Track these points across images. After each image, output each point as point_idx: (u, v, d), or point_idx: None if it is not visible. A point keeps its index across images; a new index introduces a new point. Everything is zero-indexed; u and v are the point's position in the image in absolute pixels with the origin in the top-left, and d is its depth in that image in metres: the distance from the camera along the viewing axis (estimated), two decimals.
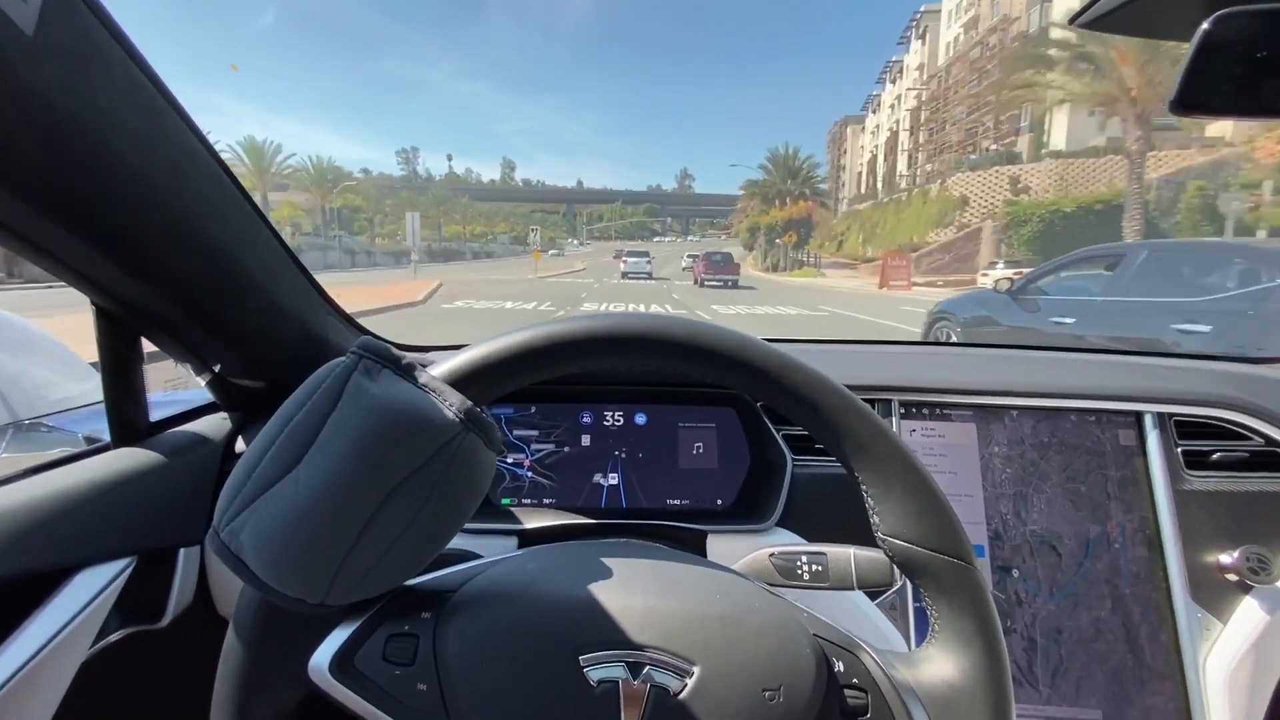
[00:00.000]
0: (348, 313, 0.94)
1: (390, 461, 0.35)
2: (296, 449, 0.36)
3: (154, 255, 0.56)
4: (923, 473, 0.41)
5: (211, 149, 0.58)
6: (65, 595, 0.57)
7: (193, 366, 0.74)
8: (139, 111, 0.48)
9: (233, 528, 0.35)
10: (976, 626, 0.39)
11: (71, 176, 0.45)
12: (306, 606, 0.36)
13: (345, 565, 0.35)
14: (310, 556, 0.35)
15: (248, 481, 0.36)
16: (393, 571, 0.38)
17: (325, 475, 0.35)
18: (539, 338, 0.41)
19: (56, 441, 0.79)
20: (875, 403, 0.84)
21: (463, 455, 0.37)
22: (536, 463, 0.85)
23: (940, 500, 0.40)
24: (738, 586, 0.43)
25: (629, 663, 0.37)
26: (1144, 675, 0.74)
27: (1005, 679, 0.39)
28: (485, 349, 0.41)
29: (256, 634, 0.39)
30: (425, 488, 0.36)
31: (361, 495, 0.35)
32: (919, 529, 0.40)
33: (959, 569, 0.40)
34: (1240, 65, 0.44)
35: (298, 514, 0.34)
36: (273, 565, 0.35)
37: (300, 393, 0.37)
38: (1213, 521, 0.77)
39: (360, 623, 0.39)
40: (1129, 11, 0.53)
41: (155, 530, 0.67)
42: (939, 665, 0.40)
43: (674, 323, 0.42)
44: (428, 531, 0.38)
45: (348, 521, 0.35)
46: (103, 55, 0.44)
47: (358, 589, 0.37)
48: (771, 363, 0.41)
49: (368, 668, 0.37)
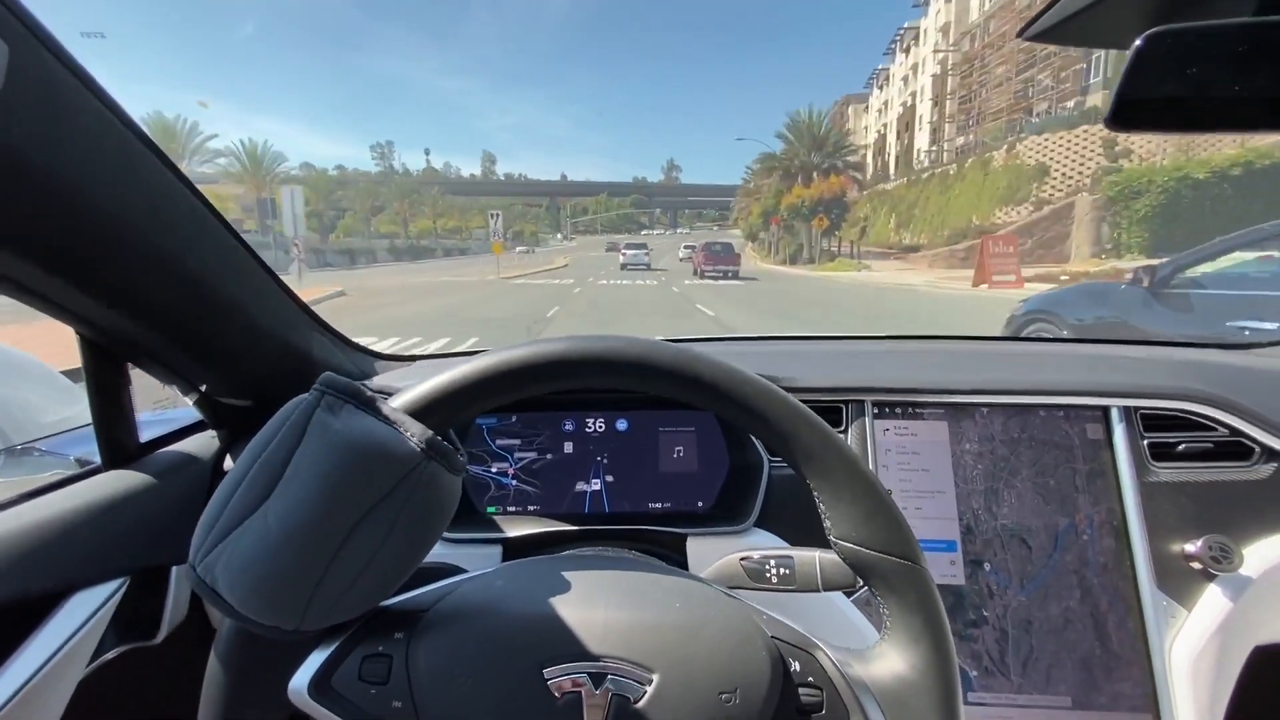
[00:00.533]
0: (336, 329, 0.95)
1: (355, 493, 0.37)
2: (266, 484, 0.38)
3: (133, 288, 0.57)
4: (870, 478, 0.43)
5: (187, 180, 0.60)
6: (61, 617, 0.59)
7: (179, 388, 0.76)
8: (110, 154, 0.50)
9: (207, 562, 0.37)
10: (923, 623, 0.41)
11: (46, 222, 0.47)
12: (283, 633, 0.38)
13: (318, 593, 0.37)
14: (283, 587, 0.37)
15: (220, 516, 0.38)
16: (364, 596, 0.40)
17: (293, 509, 0.37)
18: (495, 365, 0.42)
19: (49, 465, 0.81)
20: (849, 404, 0.86)
21: (425, 483, 0.39)
22: (520, 471, 0.87)
23: (887, 504, 0.42)
24: (698, 594, 0.45)
25: (591, 673, 0.39)
26: (1111, 663, 0.77)
27: (952, 672, 0.41)
28: (445, 379, 0.42)
29: (237, 660, 0.41)
30: (390, 516, 0.38)
31: (329, 526, 0.37)
32: (868, 532, 0.42)
33: (906, 569, 0.42)
34: (1172, 82, 0.45)
35: (269, 547, 0.36)
36: (248, 596, 0.37)
37: (267, 429, 0.39)
38: (1178, 511, 0.79)
39: (337, 645, 0.40)
40: (1074, 25, 0.55)
41: (148, 550, 0.69)
42: (890, 661, 0.42)
43: (626, 343, 0.43)
44: (396, 557, 0.40)
45: (317, 552, 0.37)
46: (71, 103, 0.46)
47: (331, 614, 0.39)
48: (720, 377, 0.43)
49: (345, 688, 0.39)
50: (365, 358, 1.03)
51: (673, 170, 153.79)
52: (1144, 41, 0.45)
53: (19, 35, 0.41)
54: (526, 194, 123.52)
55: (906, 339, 1.12)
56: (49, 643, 0.57)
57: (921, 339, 1.14)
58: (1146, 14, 0.52)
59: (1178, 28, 0.45)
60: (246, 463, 0.39)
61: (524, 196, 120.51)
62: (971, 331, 2.11)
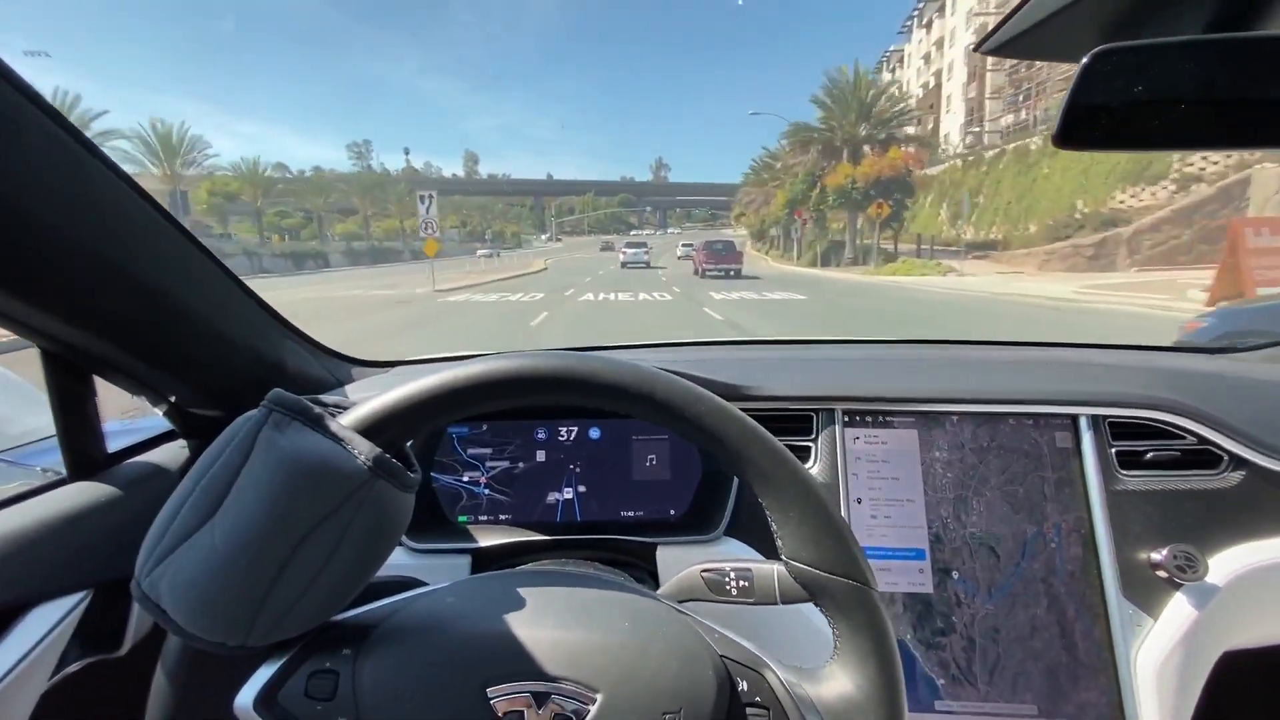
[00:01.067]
0: (310, 337, 0.95)
1: (300, 510, 0.37)
2: (212, 501, 0.38)
3: (88, 300, 0.57)
4: (821, 498, 0.43)
5: (142, 191, 0.60)
6: (20, 631, 0.59)
7: (148, 398, 0.75)
8: (59, 168, 0.50)
9: (152, 578, 0.38)
10: (872, 645, 0.42)
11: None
12: (228, 649, 0.38)
13: (263, 609, 0.38)
14: (228, 603, 0.37)
15: (166, 532, 0.38)
16: (311, 612, 0.40)
17: (238, 525, 0.37)
18: (447, 382, 0.42)
19: (13, 475, 0.81)
20: (819, 412, 0.86)
21: (372, 501, 0.39)
22: (492, 480, 0.87)
23: (837, 524, 0.43)
24: (648, 612, 0.45)
25: (534, 693, 0.39)
26: (1078, 671, 0.77)
27: (899, 694, 0.42)
28: (396, 395, 0.42)
29: (182, 675, 0.41)
30: (336, 533, 0.38)
31: (274, 543, 0.37)
32: (817, 552, 0.42)
33: (855, 590, 0.42)
34: (1120, 99, 0.45)
35: (214, 563, 0.37)
36: (192, 612, 0.37)
37: (215, 446, 0.40)
38: (1144, 520, 0.80)
39: (284, 660, 0.40)
40: (1026, 39, 0.55)
41: (112, 561, 0.69)
42: (839, 681, 0.42)
43: (580, 360, 0.43)
44: (343, 573, 0.40)
45: (262, 568, 0.37)
46: (16, 120, 0.46)
47: (276, 630, 0.39)
48: (675, 396, 0.43)
49: (291, 704, 0.39)
50: (340, 364, 1.03)
51: (661, 169, 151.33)
52: (1090, 59, 0.45)
53: None
54: (510, 194, 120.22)
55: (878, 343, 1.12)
56: (8, 656, 0.57)
57: (893, 343, 1.14)
58: (1100, 30, 0.52)
59: (1125, 45, 0.45)
60: (193, 479, 0.39)
61: (507, 196, 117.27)
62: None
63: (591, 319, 11.54)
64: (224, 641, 0.38)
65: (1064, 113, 0.46)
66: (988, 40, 0.57)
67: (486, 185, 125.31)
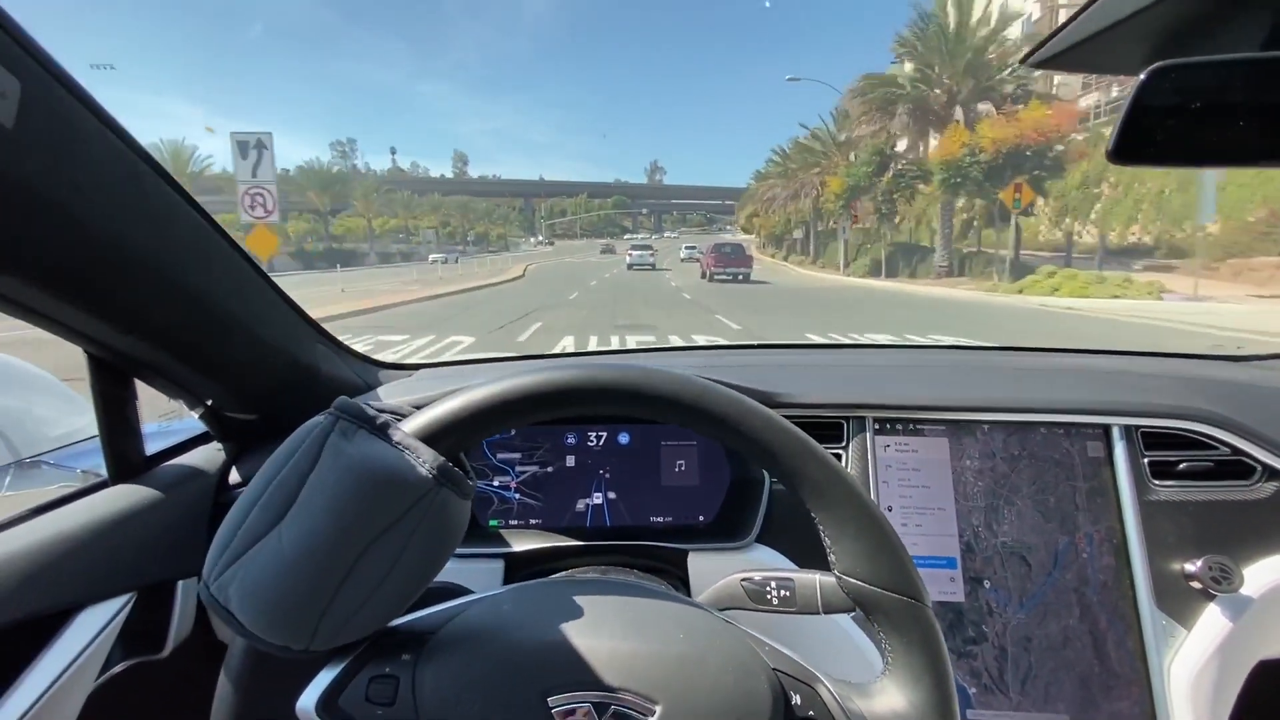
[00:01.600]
0: (340, 340, 0.96)
1: (367, 518, 0.38)
2: (279, 507, 0.39)
3: (141, 308, 0.58)
4: (876, 514, 0.43)
5: (192, 200, 0.60)
6: (70, 634, 0.60)
7: (186, 402, 0.76)
8: (118, 180, 0.50)
9: (221, 581, 0.38)
10: (926, 662, 0.42)
11: (56, 249, 0.47)
12: (292, 653, 0.39)
13: (327, 614, 0.38)
14: (293, 607, 0.38)
15: (235, 537, 0.39)
16: (372, 618, 0.40)
17: (306, 532, 0.37)
18: (509, 391, 0.43)
19: (56, 478, 0.82)
20: (850, 420, 0.86)
21: (436, 508, 0.40)
22: (522, 484, 0.87)
23: (893, 540, 0.43)
24: (701, 624, 0.45)
25: (594, 703, 0.40)
26: (1110, 681, 0.77)
27: (952, 712, 0.42)
28: (457, 404, 0.43)
29: (246, 678, 0.42)
30: (401, 540, 0.39)
31: (340, 550, 0.38)
32: (872, 568, 0.42)
33: (910, 607, 0.42)
34: (1175, 117, 0.45)
35: (281, 568, 0.37)
36: (259, 616, 0.38)
37: (282, 452, 0.40)
38: (1178, 530, 0.79)
39: (344, 665, 0.41)
40: (1077, 53, 0.55)
41: (154, 565, 0.70)
42: (891, 697, 0.42)
43: (637, 373, 0.44)
44: (405, 579, 0.40)
45: (328, 574, 0.37)
46: (81, 133, 0.46)
47: (340, 635, 0.39)
48: (731, 410, 0.43)
49: (352, 708, 0.40)
50: (369, 368, 1.04)
51: (656, 172, 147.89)
52: (1148, 76, 0.45)
53: (31, 70, 0.42)
54: (499, 194, 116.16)
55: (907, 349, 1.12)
56: (59, 659, 0.58)
57: (923, 349, 1.14)
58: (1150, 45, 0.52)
59: (1182, 62, 0.45)
60: (261, 484, 0.39)
61: (496, 197, 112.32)
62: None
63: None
64: (289, 645, 0.38)
65: (1120, 127, 0.46)
66: (1038, 51, 0.57)
67: (474, 185, 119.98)
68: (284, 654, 0.38)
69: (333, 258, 37.41)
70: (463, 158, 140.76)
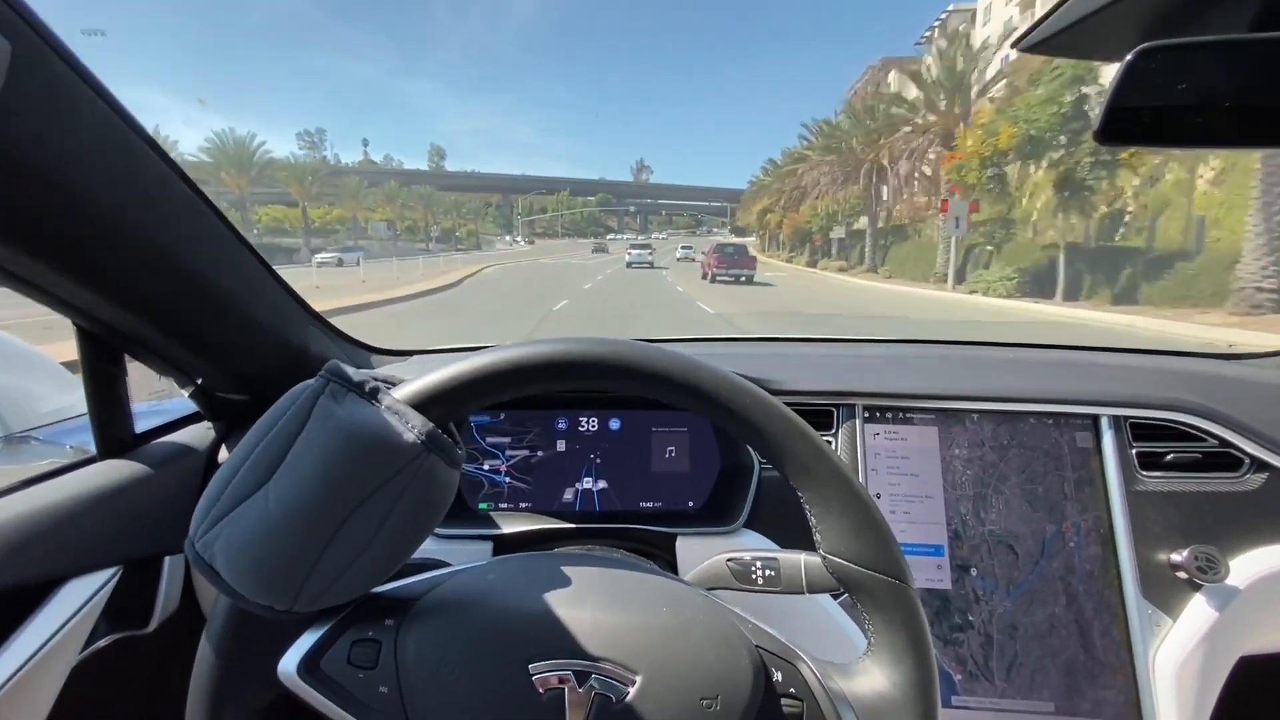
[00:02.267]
0: (331, 323, 0.96)
1: (354, 480, 0.38)
2: (267, 467, 0.39)
3: (131, 281, 0.58)
4: (861, 494, 0.43)
5: (184, 174, 0.60)
6: (54, 605, 0.60)
7: (176, 380, 0.76)
8: (110, 149, 0.50)
9: (207, 539, 0.38)
10: (908, 642, 0.42)
11: (46, 216, 0.47)
12: (275, 613, 0.39)
13: (312, 575, 0.38)
14: (278, 567, 0.38)
15: (221, 496, 0.39)
16: (357, 581, 0.40)
17: (293, 492, 0.38)
18: (499, 361, 0.43)
19: (45, 454, 0.81)
20: (840, 407, 0.86)
21: (423, 474, 0.40)
22: (513, 468, 0.88)
23: (877, 520, 0.43)
24: (685, 598, 0.46)
25: (575, 671, 0.40)
26: (1096, 670, 0.77)
27: (934, 692, 0.42)
28: (448, 373, 0.42)
29: (229, 638, 0.42)
30: (387, 505, 0.39)
31: (326, 511, 0.38)
32: (856, 547, 0.42)
33: (893, 587, 0.42)
34: (1162, 97, 0.46)
35: (267, 528, 0.37)
36: (244, 575, 0.38)
37: (271, 413, 0.40)
38: (1164, 521, 0.80)
39: (327, 628, 0.41)
40: (1067, 36, 0.55)
41: (141, 539, 0.70)
42: (872, 677, 0.42)
43: (629, 348, 0.44)
44: (390, 545, 0.40)
45: (314, 535, 0.37)
46: (72, 99, 0.46)
47: (323, 598, 0.39)
48: (721, 388, 0.43)
49: (333, 670, 0.40)
50: (361, 352, 1.04)
51: (642, 171, 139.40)
52: (1135, 56, 0.45)
53: (21, 33, 0.42)
54: (476, 189, 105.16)
55: (900, 343, 1.12)
56: (42, 630, 0.58)
57: (915, 343, 1.14)
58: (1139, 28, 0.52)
59: (1169, 43, 0.45)
60: (249, 445, 0.39)
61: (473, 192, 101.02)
62: None
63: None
64: (272, 605, 0.38)
65: (1106, 109, 0.46)
66: (1026, 37, 0.58)
67: (449, 179, 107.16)
68: (267, 614, 0.38)
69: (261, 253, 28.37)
70: (440, 152, 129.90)
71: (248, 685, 0.42)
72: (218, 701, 0.42)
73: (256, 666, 0.41)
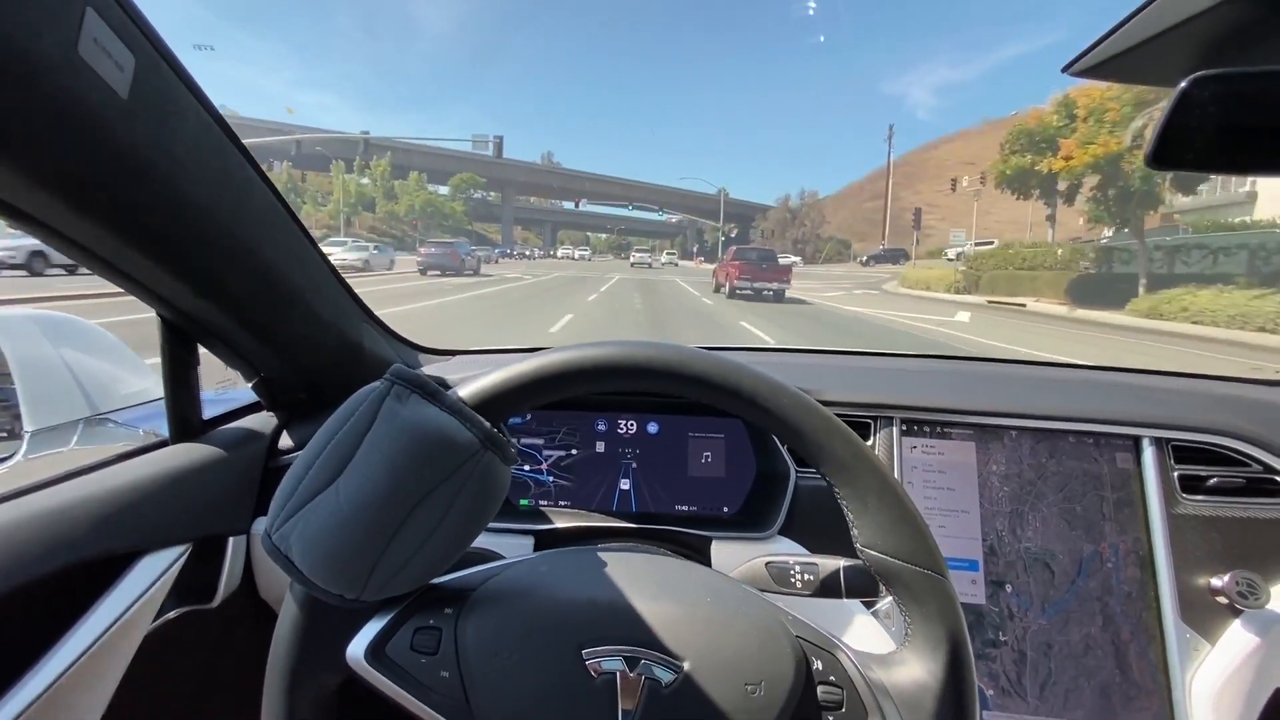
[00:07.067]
0: (383, 321, 1.00)
1: (418, 476, 0.40)
2: (337, 464, 0.41)
3: (216, 275, 0.62)
4: (898, 490, 0.44)
5: (265, 175, 0.65)
6: (132, 577, 0.64)
7: (242, 371, 0.81)
8: (208, 153, 0.54)
9: (283, 532, 0.41)
10: (944, 633, 0.43)
11: (151, 215, 0.52)
12: (344, 601, 0.41)
13: (378, 566, 0.41)
14: (348, 558, 0.40)
15: (295, 491, 0.41)
16: (420, 571, 0.43)
17: (362, 487, 0.40)
18: (551, 364, 0.45)
19: (121, 436, 0.87)
20: (877, 419, 0.87)
21: (481, 470, 0.42)
22: (553, 467, 0.90)
23: (913, 515, 0.44)
24: (728, 590, 0.48)
25: (626, 657, 0.42)
26: (1131, 691, 0.77)
27: (971, 682, 0.43)
28: (503, 375, 0.45)
29: (302, 625, 0.44)
30: (448, 499, 0.41)
31: (392, 506, 0.40)
32: (894, 541, 0.44)
33: (930, 579, 0.43)
34: (1214, 124, 0.47)
35: (338, 521, 0.40)
36: (316, 565, 0.40)
37: (340, 414, 0.43)
38: (1205, 545, 0.79)
39: (391, 616, 0.44)
40: (1119, 63, 0.56)
41: (208, 520, 0.74)
42: (910, 667, 0.44)
43: (672, 351, 0.46)
44: (450, 537, 0.43)
45: (380, 528, 0.40)
46: (181, 107, 0.51)
47: (389, 586, 0.42)
48: (760, 388, 0.45)
49: (398, 656, 0.43)
50: (409, 350, 1.08)
51: (551, 162, 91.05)
52: (1189, 84, 0.47)
53: (142, 46, 0.46)
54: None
55: (940, 358, 1.13)
56: (120, 600, 0.62)
57: (953, 359, 1.14)
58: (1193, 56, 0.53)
59: (1223, 72, 0.46)
60: (319, 444, 0.42)
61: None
62: None
63: None
64: (342, 594, 0.41)
65: (1158, 133, 0.47)
66: (1078, 62, 0.59)
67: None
68: (337, 602, 0.41)
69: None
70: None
71: (319, 669, 0.44)
72: (293, 684, 0.44)
73: (327, 652, 0.44)
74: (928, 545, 0.44)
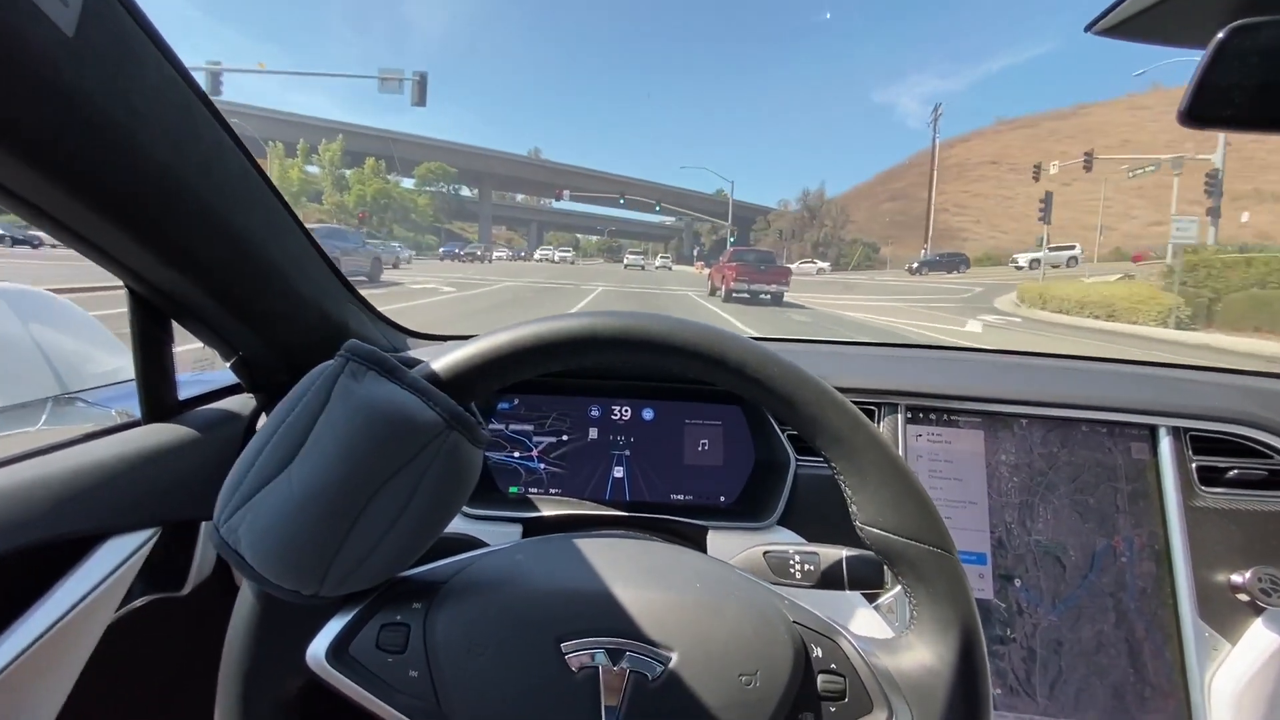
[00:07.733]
0: (368, 300, 0.97)
1: (376, 459, 0.37)
2: (289, 448, 0.37)
3: (184, 244, 0.59)
4: (899, 462, 0.41)
5: (240, 141, 0.61)
6: (94, 561, 0.60)
7: (220, 351, 0.77)
8: (172, 108, 0.51)
9: (231, 524, 0.37)
10: (954, 614, 0.40)
11: (108, 171, 0.48)
12: (301, 598, 0.37)
13: (337, 558, 0.37)
14: (303, 550, 0.36)
15: (245, 479, 0.38)
16: (383, 564, 0.39)
17: (315, 472, 0.36)
18: (523, 337, 0.41)
19: (91, 416, 0.83)
20: (882, 406, 0.84)
21: (447, 452, 0.38)
22: (544, 454, 0.87)
23: (917, 488, 0.41)
24: (719, 574, 0.44)
25: (608, 649, 0.39)
26: (1146, 692, 0.73)
27: (983, 665, 0.40)
28: (471, 349, 0.41)
29: (257, 625, 0.41)
30: (411, 484, 0.38)
31: (350, 492, 0.36)
32: (896, 517, 0.40)
33: (937, 557, 0.40)
34: (1254, 77, 0.43)
35: (290, 510, 0.36)
36: (268, 559, 0.36)
37: (292, 394, 0.39)
38: (1225, 540, 0.76)
39: (355, 612, 0.40)
40: (1146, 19, 0.52)
41: (179, 503, 0.70)
42: (918, 652, 0.40)
43: (654, 320, 0.42)
44: (416, 526, 0.39)
45: (337, 517, 0.36)
46: (138, 55, 0.47)
47: (350, 581, 0.38)
48: (749, 357, 0.41)
49: (362, 655, 0.39)
50: (397, 333, 1.05)
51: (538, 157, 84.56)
52: (1227, 33, 0.43)
53: None
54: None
55: (948, 349, 1.09)
56: (81, 584, 0.59)
57: (963, 350, 1.11)
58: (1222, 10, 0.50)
59: (1264, 20, 0.43)
60: (271, 427, 0.38)
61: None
62: None
63: None
64: (298, 590, 0.37)
65: (1193, 89, 0.44)
66: (1100, 21, 0.55)
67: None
68: (294, 599, 0.37)
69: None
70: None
71: (277, 672, 0.41)
72: (248, 689, 0.41)
73: (285, 653, 0.40)
74: (933, 520, 0.40)
